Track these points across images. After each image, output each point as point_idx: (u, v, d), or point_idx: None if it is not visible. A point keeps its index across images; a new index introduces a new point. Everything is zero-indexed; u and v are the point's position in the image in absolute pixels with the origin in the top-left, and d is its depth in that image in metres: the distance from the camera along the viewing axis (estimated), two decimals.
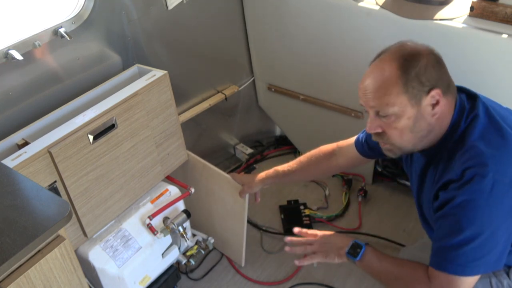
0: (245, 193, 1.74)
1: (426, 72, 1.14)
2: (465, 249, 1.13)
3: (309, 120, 2.31)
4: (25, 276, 0.98)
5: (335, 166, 1.65)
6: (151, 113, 1.61)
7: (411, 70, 1.14)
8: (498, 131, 1.16)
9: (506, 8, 1.54)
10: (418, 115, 1.17)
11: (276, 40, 2.17)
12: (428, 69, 1.15)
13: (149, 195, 1.70)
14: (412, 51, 1.17)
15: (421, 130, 1.19)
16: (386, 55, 1.20)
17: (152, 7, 1.81)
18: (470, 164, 1.12)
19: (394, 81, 1.15)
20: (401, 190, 2.26)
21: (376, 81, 1.17)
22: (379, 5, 1.80)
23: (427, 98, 1.15)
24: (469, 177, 1.11)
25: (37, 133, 1.45)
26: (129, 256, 1.58)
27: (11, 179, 1.11)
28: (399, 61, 1.15)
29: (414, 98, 1.15)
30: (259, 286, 1.93)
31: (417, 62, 1.15)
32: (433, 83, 1.15)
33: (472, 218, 1.12)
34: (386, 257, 1.32)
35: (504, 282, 1.28)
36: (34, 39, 1.48)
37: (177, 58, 2.00)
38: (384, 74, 1.16)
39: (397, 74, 1.15)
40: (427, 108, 1.17)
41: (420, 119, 1.17)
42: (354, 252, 1.34)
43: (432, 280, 1.19)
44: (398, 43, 1.22)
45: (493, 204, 1.11)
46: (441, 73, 1.18)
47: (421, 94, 1.15)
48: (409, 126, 1.18)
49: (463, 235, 1.12)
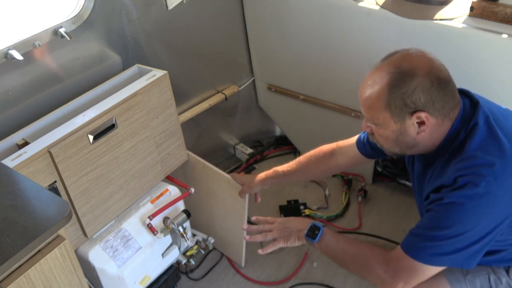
0: (245, 193, 1.74)
1: (413, 95, 1.13)
2: (438, 243, 1.15)
3: (309, 120, 2.31)
4: (25, 276, 0.98)
5: (334, 166, 1.66)
6: (151, 113, 1.61)
7: (397, 90, 1.14)
8: (496, 142, 1.16)
9: (506, 8, 1.54)
10: (402, 130, 1.19)
11: (276, 40, 2.17)
12: (416, 93, 1.13)
13: (149, 195, 1.70)
14: (409, 69, 1.15)
15: (405, 142, 1.22)
16: (386, 63, 1.19)
17: (152, 7, 1.81)
18: (464, 172, 1.13)
19: (379, 97, 1.17)
20: (401, 190, 2.26)
21: (366, 92, 1.20)
22: (379, 5, 1.80)
23: (412, 118, 1.16)
24: (461, 183, 1.12)
25: (37, 133, 1.45)
26: (129, 256, 1.58)
27: (11, 179, 1.11)
28: (391, 76, 1.15)
29: (397, 116, 1.17)
30: (259, 286, 1.93)
31: (406, 83, 1.14)
32: (419, 106, 1.14)
33: (454, 219, 1.14)
34: (343, 239, 1.36)
35: (503, 280, 1.28)
36: (34, 39, 1.48)
37: (177, 58, 2.00)
38: (374, 87, 1.18)
39: (384, 91, 1.16)
40: (412, 126, 1.18)
41: (404, 134, 1.20)
42: (312, 234, 1.37)
43: (394, 260, 1.23)
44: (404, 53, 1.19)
45: (480, 212, 1.12)
46: (435, 96, 1.15)
47: (405, 114, 1.16)
48: (393, 138, 1.22)
49: (441, 232, 1.15)
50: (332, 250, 1.37)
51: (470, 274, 1.30)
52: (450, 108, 1.18)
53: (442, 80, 1.16)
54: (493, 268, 1.30)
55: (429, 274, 1.20)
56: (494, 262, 1.30)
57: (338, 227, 2.13)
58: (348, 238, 1.37)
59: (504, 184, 1.12)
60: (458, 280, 1.30)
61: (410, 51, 1.19)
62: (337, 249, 1.35)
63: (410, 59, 1.17)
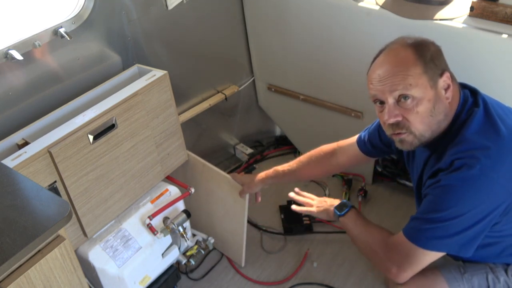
0: (245, 193, 1.74)
1: (437, 56, 1.21)
2: (435, 226, 1.16)
3: (309, 120, 2.31)
4: (25, 276, 0.98)
5: (335, 165, 1.66)
6: (151, 113, 1.61)
7: (427, 53, 1.19)
8: (493, 127, 1.18)
9: (506, 8, 1.54)
10: (436, 97, 1.20)
11: (276, 40, 2.17)
12: (438, 54, 1.22)
13: (149, 195, 1.70)
14: (419, 39, 1.23)
15: (440, 113, 1.21)
16: (394, 45, 1.24)
17: (152, 7, 1.81)
18: (460, 155, 1.15)
19: (414, 62, 1.18)
20: (401, 190, 2.26)
21: (395, 65, 1.19)
22: (379, 5, 1.80)
23: (441, 81, 1.20)
24: (457, 166, 1.14)
25: (37, 133, 1.45)
26: (129, 256, 1.58)
27: (11, 179, 1.11)
28: (412, 47, 1.20)
29: (432, 79, 1.19)
30: (259, 286, 1.93)
31: (428, 47, 1.21)
32: (444, 67, 1.22)
33: (450, 202, 1.15)
34: (363, 223, 1.41)
35: (501, 279, 1.28)
36: (34, 39, 1.48)
37: (177, 58, 2.00)
38: (402, 58, 1.19)
39: (415, 57, 1.19)
40: (442, 91, 1.21)
41: (438, 101, 1.20)
42: (340, 208, 1.48)
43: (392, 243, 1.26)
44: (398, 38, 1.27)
45: (475, 195, 1.13)
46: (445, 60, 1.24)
47: (437, 76, 1.19)
48: (429, 109, 1.19)
49: (438, 214, 1.16)
50: (349, 230, 1.43)
51: (467, 273, 1.30)
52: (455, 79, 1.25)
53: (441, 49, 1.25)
54: (491, 267, 1.30)
55: (424, 262, 1.21)
56: (491, 258, 1.30)
57: (338, 227, 2.13)
58: (368, 223, 1.41)
59: (500, 168, 1.13)
60: (455, 278, 1.30)
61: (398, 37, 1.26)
62: (354, 231, 1.41)
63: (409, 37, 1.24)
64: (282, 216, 2.19)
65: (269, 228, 2.17)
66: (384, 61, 1.22)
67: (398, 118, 1.21)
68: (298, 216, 2.17)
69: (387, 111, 1.21)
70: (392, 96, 1.20)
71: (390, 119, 1.21)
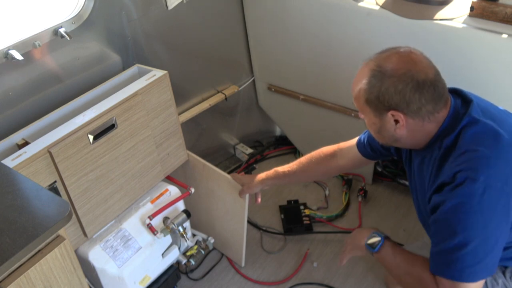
0: (245, 193, 1.74)
1: (386, 94, 1.17)
2: (459, 254, 1.12)
3: (309, 120, 2.31)
4: (25, 276, 0.98)
5: (335, 167, 1.65)
6: (151, 113, 1.61)
7: (374, 90, 1.19)
8: (491, 135, 1.15)
9: (506, 8, 1.54)
10: (381, 124, 1.24)
11: (276, 40, 2.17)
12: (389, 92, 1.16)
13: (149, 195, 1.70)
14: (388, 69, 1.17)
15: (387, 136, 1.26)
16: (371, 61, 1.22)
17: (152, 7, 1.81)
18: (462, 167, 1.12)
19: (360, 93, 1.23)
20: (401, 190, 2.26)
21: (353, 86, 1.26)
22: (379, 5, 1.80)
23: (388, 115, 1.20)
24: (460, 180, 1.11)
25: (37, 133, 1.45)
26: (129, 256, 1.58)
27: (11, 179, 1.11)
28: (371, 75, 1.19)
29: (375, 111, 1.22)
30: (259, 286, 1.93)
31: (382, 82, 1.17)
32: (392, 105, 1.18)
33: (464, 222, 1.11)
34: (401, 252, 1.34)
35: (499, 281, 1.28)
36: (34, 39, 1.48)
37: (177, 58, 2.00)
38: (358, 83, 1.23)
39: (363, 88, 1.21)
40: (389, 123, 1.22)
41: (383, 128, 1.24)
42: (372, 244, 1.39)
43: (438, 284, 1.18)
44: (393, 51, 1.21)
45: (486, 208, 1.10)
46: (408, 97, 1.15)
47: (381, 110, 1.21)
48: (376, 129, 1.27)
49: (457, 239, 1.12)
50: (388, 263, 1.35)
51: None
52: (429, 111, 1.18)
53: (420, 83, 1.15)
54: None
55: None
56: None
57: (338, 227, 2.13)
58: (406, 252, 1.34)
59: (502, 175, 1.11)
60: None
61: (400, 50, 1.21)
62: (393, 263, 1.33)
63: (393, 59, 1.19)
64: (282, 216, 2.19)
65: (269, 228, 2.17)
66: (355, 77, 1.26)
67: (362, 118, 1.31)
68: (298, 216, 2.17)
69: None
70: None
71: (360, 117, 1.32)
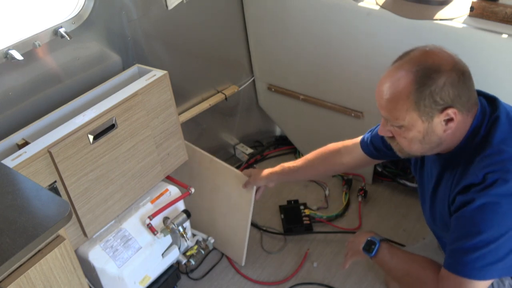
0: (250, 184, 1.74)
1: (442, 91, 1.09)
2: (481, 252, 1.10)
3: (309, 120, 2.31)
4: (25, 276, 0.98)
5: (339, 164, 1.62)
6: (151, 113, 1.61)
7: (426, 89, 1.09)
8: None
9: (506, 8, 1.54)
10: (429, 129, 1.14)
11: (276, 40, 2.17)
12: (445, 89, 1.09)
13: (149, 195, 1.70)
14: (433, 65, 1.10)
15: (431, 142, 1.17)
16: (406, 62, 1.14)
17: (152, 7, 1.81)
18: (492, 168, 1.09)
19: (406, 96, 1.11)
20: (401, 190, 2.26)
21: (389, 92, 1.14)
22: (379, 5, 1.80)
23: (441, 115, 1.12)
24: (491, 181, 1.08)
25: (37, 133, 1.45)
26: (129, 256, 1.58)
27: (11, 179, 1.11)
28: (416, 74, 1.10)
29: (426, 115, 1.12)
30: (259, 286, 1.93)
31: (434, 80, 1.09)
32: (448, 102, 1.10)
33: (491, 221, 1.09)
34: (398, 253, 1.33)
35: (505, 282, 1.28)
36: (34, 39, 1.48)
37: (177, 58, 2.00)
38: (398, 86, 1.12)
39: (410, 89, 1.10)
40: (440, 124, 1.13)
41: (431, 133, 1.15)
42: (369, 248, 1.38)
43: (442, 281, 1.17)
44: (423, 50, 1.15)
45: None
46: (461, 89, 1.11)
47: (434, 112, 1.12)
48: (418, 138, 1.16)
49: (480, 237, 1.09)
50: (387, 265, 1.34)
51: None
52: (474, 102, 1.15)
53: (466, 74, 1.13)
54: None
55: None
56: None
57: (338, 227, 2.13)
58: (403, 252, 1.33)
59: None
60: None
61: (428, 46, 1.14)
62: (391, 265, 1.33)
63: (432, 54, 1.12)
64: (282, 216, 2.19)
65: (269, 228, 2.17)
66: (386, 80, 1.15)
67: (388, 134, 1.22)
68: (298, 216, 2.17)
69: (380, 126, 1.23)
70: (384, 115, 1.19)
71: (381, 133, 1.24)
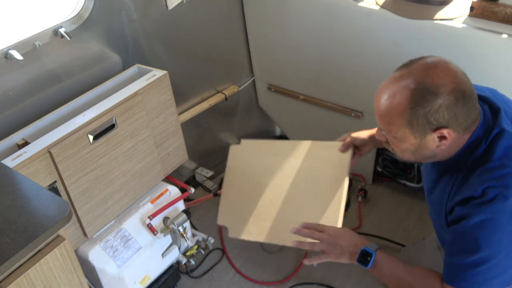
0: (350, 144, 1.47)
1: (436, 113, 1.07)
2: (481, 268, 1.10)
3: (309, 120, 2.31)
4: (25, 276, 0.98)
5: None
6: (151, 113, 1.61)
7: (420, 109, 1.07)
8: None
9: (506, 8, 1.54)
10: (422, 145, 1.14)
11: (276, 40, 2.17)
12: (440, 111, 1.07)
13: (149, 195, 1.70)
14: (432, 86, 1.07)
15: (424, 154, 1.17)
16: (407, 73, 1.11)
17: (152, 7, 1.81)
18: (493, 183, 1.08)
19: (400, 113, 1.10)
20: (401, 190, 2.26)
21: (385, 106, 1.12)
22: (379, 5, 1.80)
23: (433, 134, 1.11)
24: (491, 196, 1.07)
25: (37, 133, 1.45)
26: (129, 256, 1.58)
27: (11, 179, 1.11)
28: (413, 93, 1.08)
29: (419, 132, 1.11)
30: (259, 286, 1.93)
31: (430, 102, 1.06)
32: (443, 123, 1.09)
33: (491, 239, 1.08)
34: (397, 264, 1.27)
35: None
36: (34, 39, 1.48)
37: (177, 58, 2.00)
38: (394, 101, 1.10)
39: (405, 107, 1.09)
40: (433, 140, 1.12)
41: (423, 147, 1.14)
42: (364, 260, 1.28)
43: None
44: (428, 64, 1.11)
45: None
46: (459, 111, 1.08)
47: (427, 131, 1.10)
48: (411, 150, 1.16)
49: (480, 254, 1.09)
50: (386, 276, 1.28)
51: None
52: (472, 121, 1.13)
53: (466, 95, 1.09)
54: None
55: None
56: None
57: None
58: (401, 263, 1.28)
59: None
60: None
61: (432, 61, 1.11)
62: (392, 276, 1.27)
63: (433, 73, 1.08)
64: None
65: None
66: (384, 90, 1.13)
67: (383, 139, 1.22)
68: None
69: (377, 129, 1.24)
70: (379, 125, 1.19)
71: (377, 137, 1.24)
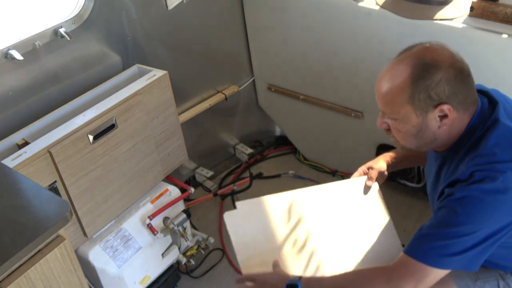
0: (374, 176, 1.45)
1: (437, 87, 1.10)
2: (450, 241, 1.10)
3: (309, 120, 2.31)
4: (25, 276, 0.98)
5: None
6: (151, 113, 1.61)
7: (421, 83, 1.11)
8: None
9: (506, 8, 1.54)
10: (423, 125, 1.15)
11: (276, 40, 2.17)
12: (441, 85, 1.10)
13: (149, 195, 1.70)
14: (432, 61, 1.12)
15: (425, 138, 1.18)
16: (406, 56, 1.15)
17: (152, 7, 1.81)
18: (482, 167, 1.10)
19: (402, 89, 1.12)
20: (401, 190, 2.25)
21: (386, 85, 1.15)
22: (379, 5, 1.80)
23: (435, 111, 1.13)
24: (478, 178, 1.09)
25: (37, 133, 1.45)
26: (129, 256, 1.58)
27: (11, 179, 1.11)
28: (414, 69, 1.12)
29: (420, 109, 1.13)
30: None
31: (431, 75, 1.10)
32: (443, 98, 1.11)
33: (473, 215, 1.09)
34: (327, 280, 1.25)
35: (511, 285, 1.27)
36: (34, 39, 1.48)
37: (177, 58, 2.00)
38: (395, 79, 1.13)
39: (406, 83, 1.12)
40: (434, 119, 1.14)
41: (425, 128, 1.16)
42: None
43: (397, 268, 1.16)
44: (424, 45, 1.16)
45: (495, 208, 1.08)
46: (458, 87, 1.12)
47: (428, 107, 1.12)
48: (412, 133, 1.17)
49: (457, 228, 1.09)
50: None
51: (479, 280, 1.27)
52: (472, 101, 1.16)
53: (464, 72, 1.14)
54: (501, 274, 1.28)
55: (435, 279, 1.14)
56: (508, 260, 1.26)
57: None
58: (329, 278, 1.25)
59: None
60: (468, 286, 1.27)
61: (429, 43, 1.16)
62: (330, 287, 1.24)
63: (432, 50, 1.14)
64: None
65: None
66: (385, 74, 1.17)
67: (384, 126, 1.23)
68: None
69: (378, 118, 1.24)
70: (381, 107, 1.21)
71: (378, 125, 1.25)
